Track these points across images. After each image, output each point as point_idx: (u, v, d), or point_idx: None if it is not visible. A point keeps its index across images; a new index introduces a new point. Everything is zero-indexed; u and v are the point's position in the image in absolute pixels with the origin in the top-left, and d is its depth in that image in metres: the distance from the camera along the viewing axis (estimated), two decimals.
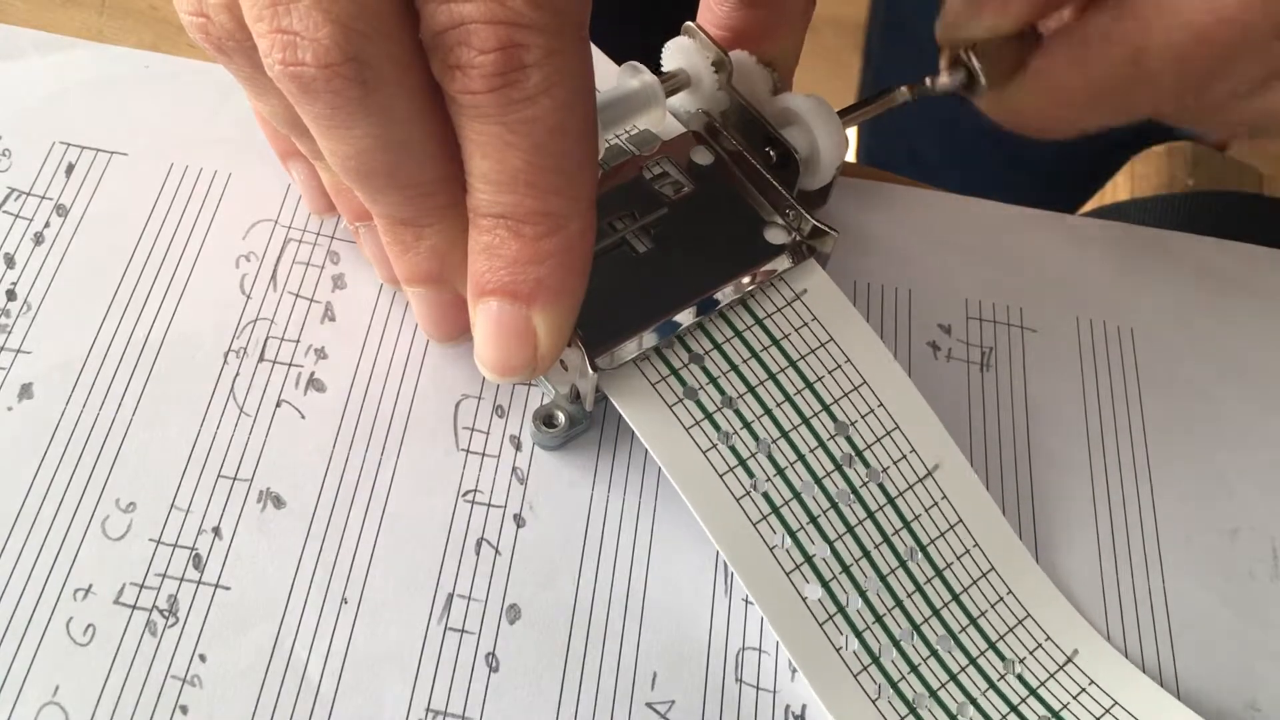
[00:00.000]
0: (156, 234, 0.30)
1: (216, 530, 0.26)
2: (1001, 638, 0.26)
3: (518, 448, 0.28)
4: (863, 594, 0.25)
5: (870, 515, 0.26)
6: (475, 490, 0.27)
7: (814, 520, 0.25)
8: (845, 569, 0.25)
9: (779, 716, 0.25)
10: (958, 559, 0.26)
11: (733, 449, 0.26)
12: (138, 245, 0.29)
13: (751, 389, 0.26)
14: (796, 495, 0.26)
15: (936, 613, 0.26)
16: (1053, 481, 0.29)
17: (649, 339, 0.26)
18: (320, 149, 0.22)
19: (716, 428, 0.26)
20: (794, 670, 0.25)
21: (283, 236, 0.30)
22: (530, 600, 0.26)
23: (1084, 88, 0.28)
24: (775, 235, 0.28)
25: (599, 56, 0.33)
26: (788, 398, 0.26)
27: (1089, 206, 0.48)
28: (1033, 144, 0.30)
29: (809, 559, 0.25)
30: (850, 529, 0.26)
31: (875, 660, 0.25)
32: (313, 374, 0.28)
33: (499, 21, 0.19)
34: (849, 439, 0.26)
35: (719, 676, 0.25)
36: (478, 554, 0.26)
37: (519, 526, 0.27)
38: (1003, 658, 0.26)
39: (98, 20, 0.34)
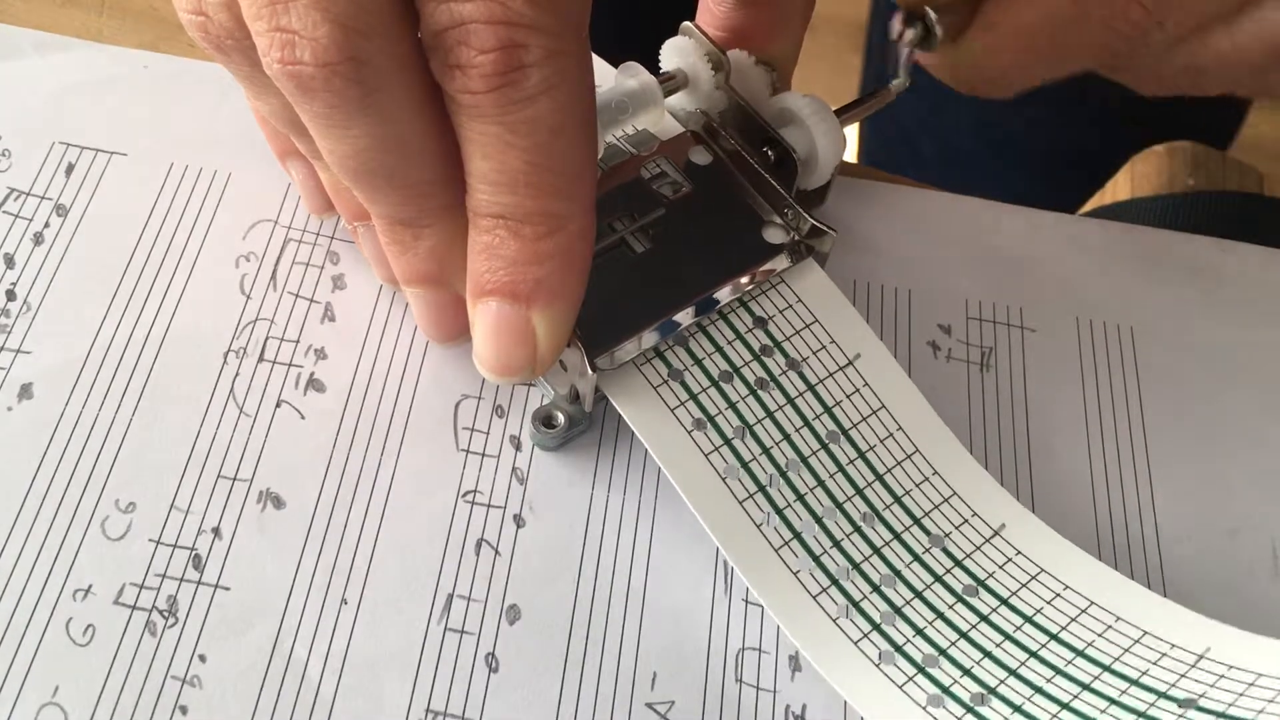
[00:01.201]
0: (156, 234, 0.30)
1: (216, 530, 0.26)
2: (927, 514, 0.26)
3: (518, 448, 0.28)
4: (784, 474, 0.25)
5: (790, 401, 0.26)
6: (475, 490, 0.27)
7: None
8: (765, 451, 0.26)
9: (779, 716, 0.25)
10: (880, 442, 0.26)
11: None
12: (138, 245, 0.29)
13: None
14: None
15: (860, 492, 0.26)
16: (1053, 481, 0.29)
17: (648, 339, 0.26)
18: (319, 148, 0.22)
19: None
20: (794, 670, 0.25)
21: (283, 236, 0.30)
22: (530, 600, 0.26)
23: (1029, 32, 0.28)
24: (774, 235, 0.28)
25: (596, 59, 0.33)
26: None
27: (1089, 206, 0.48)
28: (1033, 144, 0.31)
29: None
30: (783, 433, 0.26)
31: (797, 536, 0.25)
32: (312, 374, 0.28)
33: (499, 21, 0.19)
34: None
35: (719, 676, 0.25)
36: (478, 554, 0.26)
37: (519, 527, 0.27)
38: (928, 533, 0.26)
39: (98, 20, 0.34)
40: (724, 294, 0.27)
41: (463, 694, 0.24)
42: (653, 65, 0.29)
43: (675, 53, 0.29)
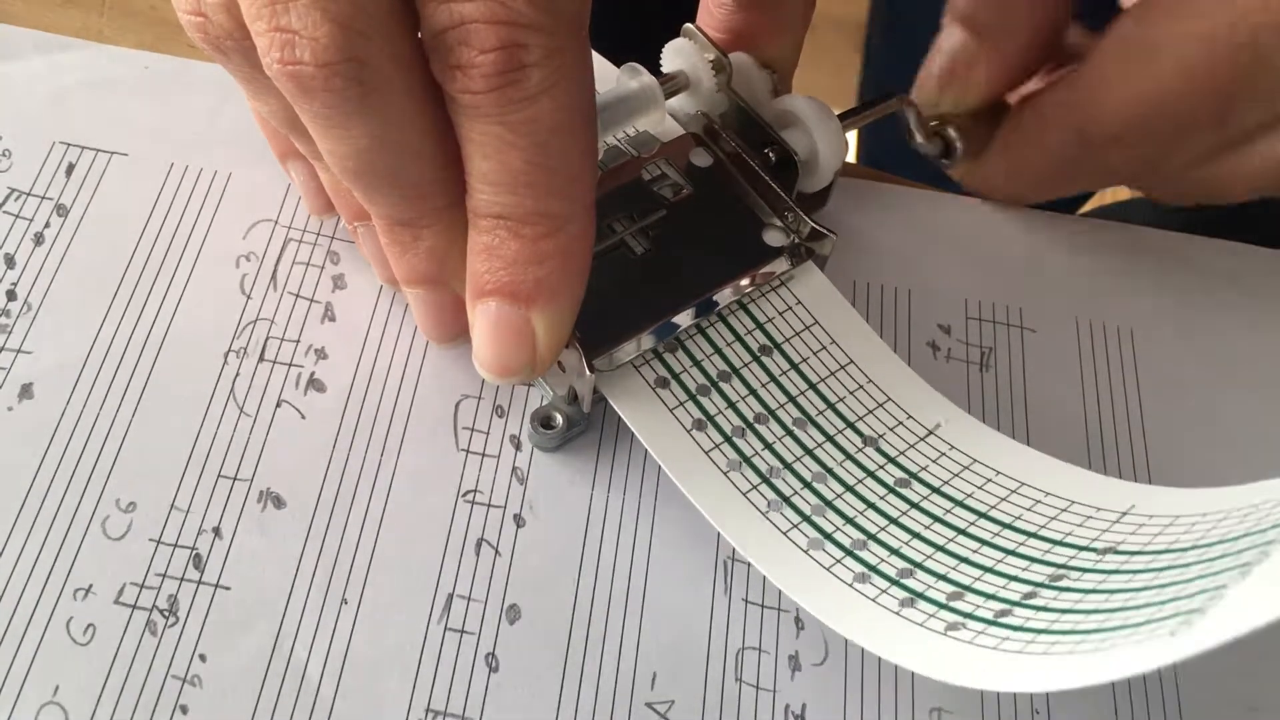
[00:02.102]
0: (156, 234, 0.30)
1: (216, 530, 0.26)
2: (861, 418, 0.26)
3: (518, 448, 0.28)
4: (715, 384, 0.26)
5: (722, 319, 0.27)
6: (475, 490, 0.27)
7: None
8: (696, 364, 0.26)
9: (779, 716, 0.25)
10: (814, 354, 0.27)
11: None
12: (138, 245, 0.29)
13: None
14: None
15: (792, 399, 0.26)
16: None
17: (647, 340, 0.26)
18: (319, 149, 0.22)
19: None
20: (794, 670, 0.25)
21: (283, 236, 0.30)
22: (530, 600, 0.26)
23: (1040, 161, 0.29)
24: (774, 237, 0.28)
25: (597, 59, 0.33)
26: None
27: (1089, 206, 0.48)
28: None
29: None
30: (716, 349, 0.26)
31: (728, 439, 0.25)
32: (313, 374, 0.28)
33: (499, 21, 0.19)
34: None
35: (719, 676, 0.25)
36: (478, 554, 0.26)
37: (519, 526, 0.27)
38: (861, 435, 0.26)
39: (98, 20, 0.34)
40: (723, 296, 0.27)
41: (463, 694, 0.24)
42: (654, 67, 0.29)
43: (676, 54, 0.29)
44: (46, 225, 0.29)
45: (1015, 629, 0.22)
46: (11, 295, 0.28)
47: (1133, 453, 0.29)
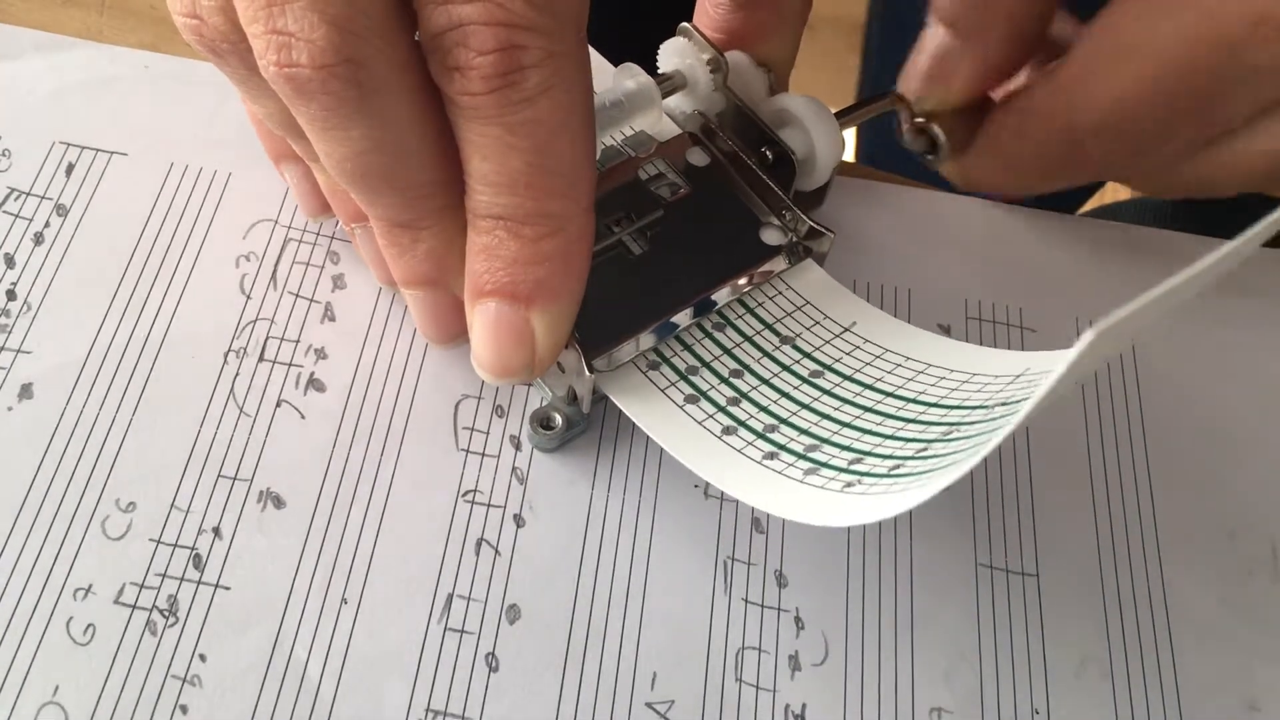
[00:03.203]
0: (156, 234, 0.30)
1: (216, 530, 0.26)
2: (779, 320, 0.27)
3: (517, 448, 0.28)
4: (683, 343, 0.27)
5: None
6: (475, 490, 0.27)
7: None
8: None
9: (779, 716, 0.25)
10: (770, 299, 0.27)
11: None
12: (138, 245, 0.29)
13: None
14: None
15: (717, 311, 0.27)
16: (1052, 482, 0.29)
17: (646, 340, 0.26)
18: (316, 151, 0.22)
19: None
20: (794, 670, 0.25)
21: (283, 236, 0.30)
22: (530, 600, 0.26)
23: (1025, 156, 0.29)
24: (771, 236, 0.28)
25: (595, 57, 0.33)
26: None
27: (1089, 206, 0.48)
28: None
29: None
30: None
31: (651, 346, 0.26)
32: (313, 374, 0.28)
33: (498, 23, 0.19)
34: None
35: (719, 676, 0.25)
36: (478, 554, 0.26)
37: (519, 526, 0.27)
38: (778, 334, 0.27)
39: (98, 20, 0.34)
40: (721, 295, 0.27)
41: (463, 694, 0.24)
42: (650, 66, 0.29)
43: (673, 54, 0.29)
44: (46, 225, 0.29)
45: (901, 476, 0.23)
46: (11, 295, 0.28)
47: (1133, 453, 0.29)
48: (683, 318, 0.26)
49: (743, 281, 0.27)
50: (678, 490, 0.27)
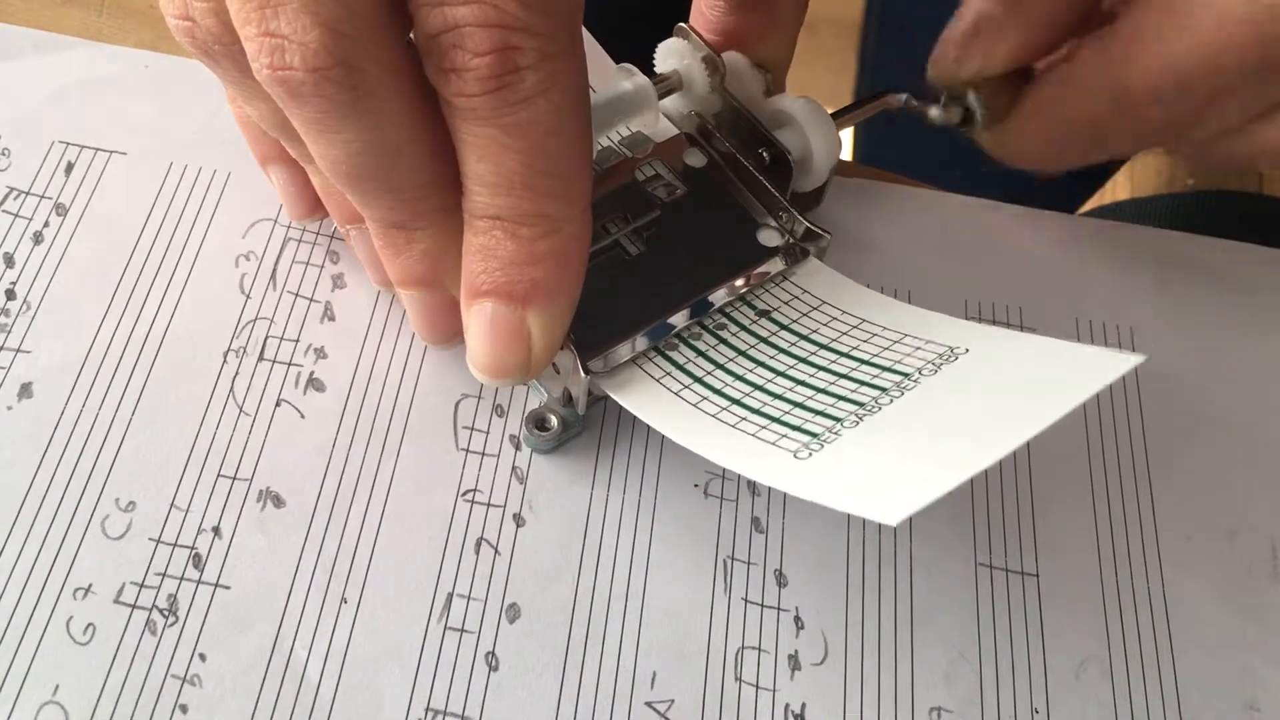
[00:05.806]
0: (156, 234, 0.30)
1: (216, 530, 0.26)
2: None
3: (517, 447, 0.28)
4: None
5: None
6: (475, 490, 0.27)
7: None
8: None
9: (779, 715, 0.25)
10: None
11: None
12: (137, 245, 0.29)
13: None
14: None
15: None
16: (1052, 482, 0.29)
17: (641, 342, 0.26)
18: (310, 153, 0.22)
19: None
20: (794, 669, 0.25)
21: (282, 236, 0.30)
22: (530, 600, 0.26)
23: (1071, 125, 0.28)
24: (768, 237, 0.28)
25: (596, 49, 0.33)
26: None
27: (1089, 206, 0.48)
28: None
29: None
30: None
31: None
32: (312, 374, 0.28)
33: (493, 24, 0.19)
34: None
35: (719, 676, 0.25)
36: (477, 554, 0.26)
37: (519, 526, 0.27)
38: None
39: (97, 20, 0.34)
40: (718, 296, 0.27)
41: (463, 693, 0.24)
42: (647, 67, 0.29)
43: (670, 55, 0.29)
44: (46, 224, 0.29)
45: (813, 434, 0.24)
46: (11, 294, 0.28)
47: (1133, 453, 0.29)
48: (679, 319, 0.26)
49: (739, 283, 0.27)
50: (678, 490, 0.27)
